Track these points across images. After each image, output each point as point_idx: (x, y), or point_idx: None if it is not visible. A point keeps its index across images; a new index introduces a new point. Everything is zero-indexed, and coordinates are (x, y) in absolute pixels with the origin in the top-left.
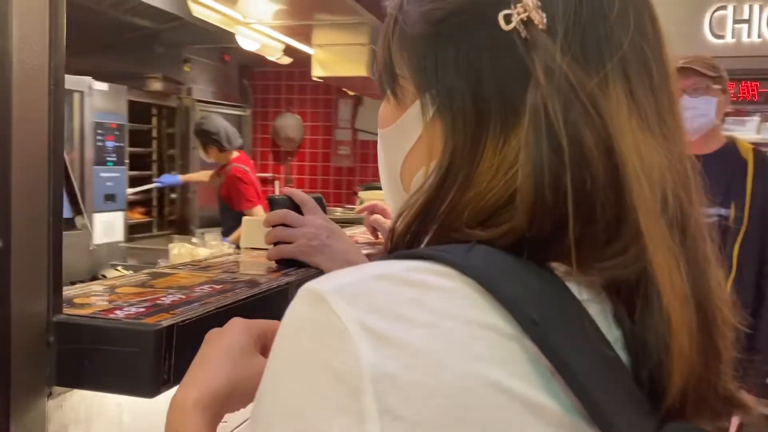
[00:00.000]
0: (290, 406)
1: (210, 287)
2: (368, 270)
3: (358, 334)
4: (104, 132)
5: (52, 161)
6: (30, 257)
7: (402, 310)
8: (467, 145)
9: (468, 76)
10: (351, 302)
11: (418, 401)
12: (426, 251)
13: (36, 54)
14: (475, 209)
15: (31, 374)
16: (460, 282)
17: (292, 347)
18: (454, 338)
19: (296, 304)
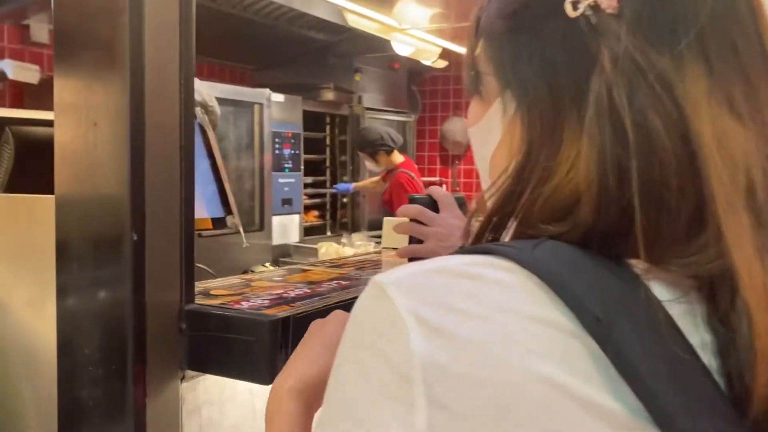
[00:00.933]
0: (347, 392)
1: (336, 283)
2: (430, 264)
3: (412, 324)
4: (281, 140)
5: (183, 160)
6: (163, 250)
7: (456, 302)
8: (545, 138)
9: (542, 68)
10: (407, 293)
11: (465, 393)
12: (490, 246)
13: (167, 64)
14: (550, 203)
15: (166, 358)
16: (522, 276)
17: (354, 336)
18: (507, 331)
19: (363, 295)
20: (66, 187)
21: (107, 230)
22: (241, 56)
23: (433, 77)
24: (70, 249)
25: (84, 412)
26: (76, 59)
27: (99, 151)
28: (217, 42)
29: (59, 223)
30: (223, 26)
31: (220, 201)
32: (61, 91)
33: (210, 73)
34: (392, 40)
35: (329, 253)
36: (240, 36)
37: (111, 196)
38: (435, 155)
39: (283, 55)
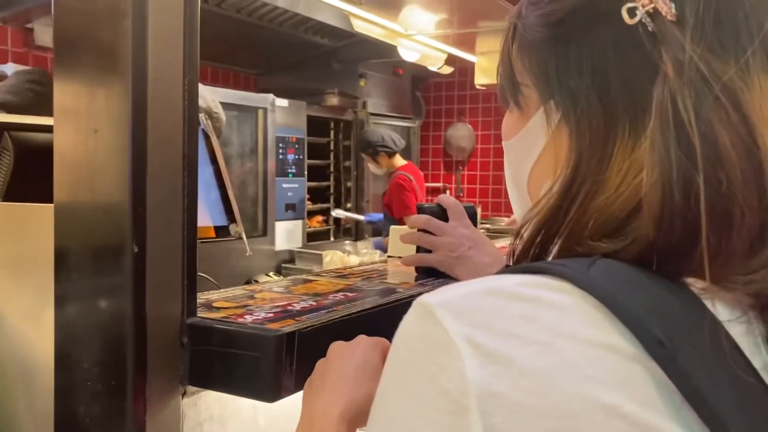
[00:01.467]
0: (396, 419)
1: (343, 295)
2: (479, 284)
3: (465, 349)
4: (285, 145)
5: (186, 169)
6: (164, 262)
7: (512, 327)
8: (595, 150)
9: (592, 78)
10: (459, 317)
11: (524, 422)
12: (543, 265)
13: (171, 70)
14: (601, 218)
15: (167, 373)
16: (578, 298)
17: (400, 360)
18: (566, 358)
19: (408, 317)
20: (65, 195)
21: (107, 240)
22: (246, 61)
23: (437, 83)
24: (69, 259)
25: (81, 428)
26: (76, 64)
27: (99, 158)
28: (222, 47)
29: (58, 233)
30: (227, 31)
31: (224, 208)
32: (61, 97)
33: (214, 78)
34: (398, 45)
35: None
36: (244, 41)
37: (111, 205)
38: (439, 161)
39: (288, 60)
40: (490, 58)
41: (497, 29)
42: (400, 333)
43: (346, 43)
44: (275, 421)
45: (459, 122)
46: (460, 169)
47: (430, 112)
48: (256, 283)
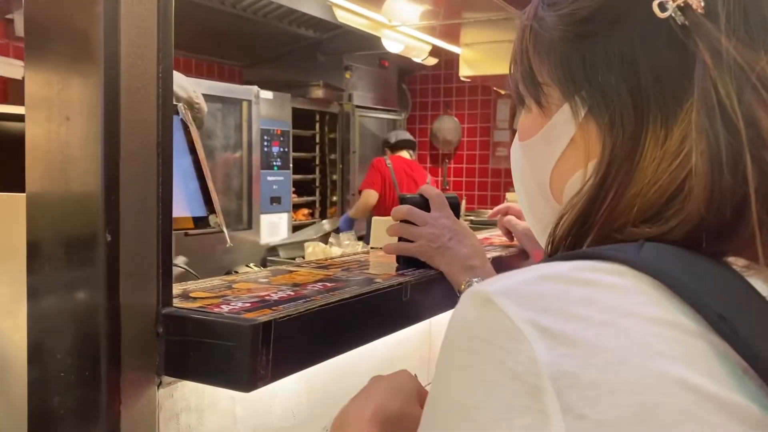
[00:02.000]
0: (466, 407)
1: (322, 285)
2: (534, 271)
3: (531, 333)
4: (270, 138)
5: (161, 157)
6: (139, 251)
7: (574, 309)
8: (627, 142)
9: (622, 72)
10: (519, 303)
11: (601, 399)
12: (592, 251)
13: (144, 56)
14: (639, 206)
15: (142, 363)
16: (634, 279)
17: (462, 349)
18: (632, 336)
19: (463, 308)
20: (37, 184)
21: (80, 230)
22: (231, 53)
23: (424, 75)
24: (41, 250)
25: (55, 420)
26: (47, 51)
27: (71, 147)
28: (206, 39)
29: (30, 223)
30: (212, 23)
31: (203, 199)
32: (32, 84)
33: (198, 70)
34: (382, 37)
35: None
36: (229, 33)
37: (84, 194)
38: (425, 154)
39: (273, 52)
40: (474, 50)
41: (482, 20)
42: (456, 322)
43: (332, 35)
44: (253, 411)
45: (445, 115)
46: (447, 162)
47: (417, 104)
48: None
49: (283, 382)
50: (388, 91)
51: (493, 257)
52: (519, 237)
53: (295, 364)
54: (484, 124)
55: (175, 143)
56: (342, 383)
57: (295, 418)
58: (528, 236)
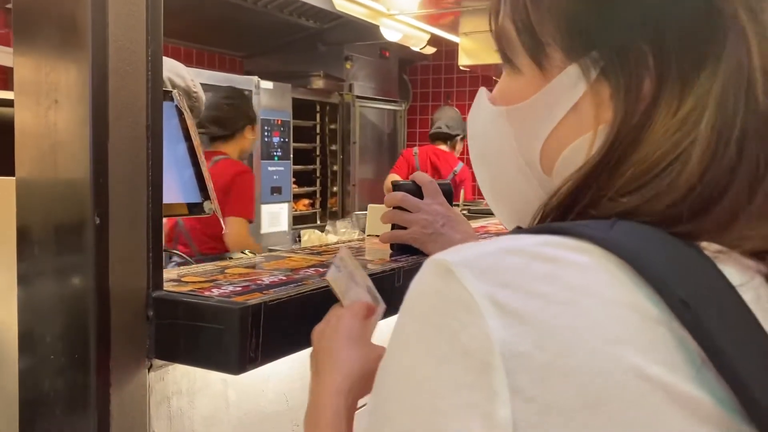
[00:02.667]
0: (414, 377)
1: (314, 270)
2: (498, 243)
3: (488, 309)
4: (270, 128)
5: (150, 141)
6: (128, 235)
7: (535, 286)
8: (640, 108)
9: (643, 32)
10: (480, 276)
11: (551, 382)
12: (561, 225)
13: (133, 40)
14: (630, 174)
15: (132, 346)
16: (600, 257)
17: (417, 319)
18: (592, 317)
19: (423, 276)
20: (27, 168)
21: (68, 213)
22: (231, 43)
23: (425, 66)
24: (31, 233)
25: (45, 403)
26: (36, 34)
27: (60, 130)
28: (207, 29)
29: (20, 207)
30: (212, 12)
31: (198, 185)
32: (21, 69)
33: (199, 60)
34: (380, 25)
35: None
36: (230, 23)
37: (72, 177)
38: (426, 144)
39: (273, 42)
40: (473, 39)
41: (481, 9)
42: (414, 290)
43: (332, 25)
44: (245, 395)
45: (446, 105)
46: None
47: (417, 95)
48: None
49: (276, 365)
50: (389, 82)
51: None
52: None
53: (285, 347)
54: None
55: (170, 130)
56: None
57: (288, 403)
58: None
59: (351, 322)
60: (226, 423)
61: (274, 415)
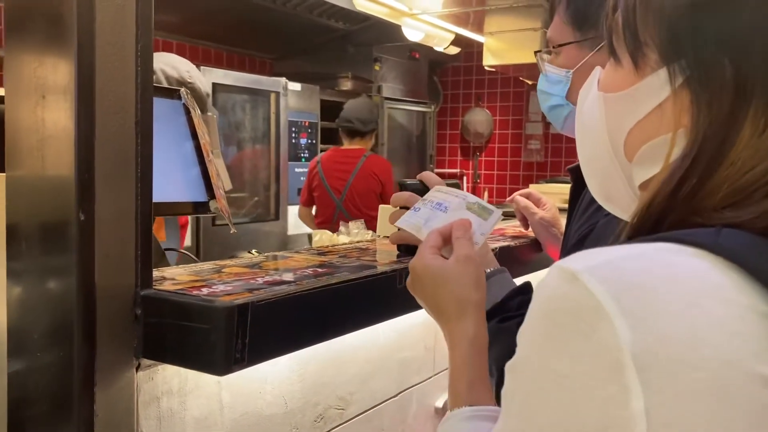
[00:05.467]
0: (554, 373)
1: (313, 270)
2: (618, 251)
3: (614, 311)
4: (298, 129)
5: (140, 137)
6: (116, 232)
7: (656, 289)
8: (722, 124)
9: (731, 50)
10: (604, 281)
11: (679, 375)
12: (672, 234)
13: (122, 34)
14: (727, 190)
15: (119, 345)
16: (713, 262)
17: (547, 321)
18: (712, 315)
19: (549, 282)
20: (16, 164)
21: (54, 210)
22: (261, 45)
23: (456, 67)
24: (19, 230)
25: (33, 401)
26: (25, 29)
27: (47, 126)
28: (238, 31)
29: (9, 203)
30: (242, 15)
31: (204, 184)
32: (11, 64)
33: (229, 62)
34: (402, 25)
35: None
36: (259, 25)
37: (58, 174)
38: (456, 146)
39: (304, 44)
40: (498, 39)
41: (506, 8)
42: (542, 295)
43: (361, 27)
44: (240, 396)
45: (477, 107)
46: (478, 155)
47: (448, 96)
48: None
49: (275, 367)
50: (419, 83)
51: (500, 247)
52: (534, 225)
53: (275, 348)
54: (516, 117)
55: (178, 128)
56: (340, 371)
57: (287, 405)
58: (543, 226)
59: (426, 263)
60: (219, 425)
61: (271, 418)
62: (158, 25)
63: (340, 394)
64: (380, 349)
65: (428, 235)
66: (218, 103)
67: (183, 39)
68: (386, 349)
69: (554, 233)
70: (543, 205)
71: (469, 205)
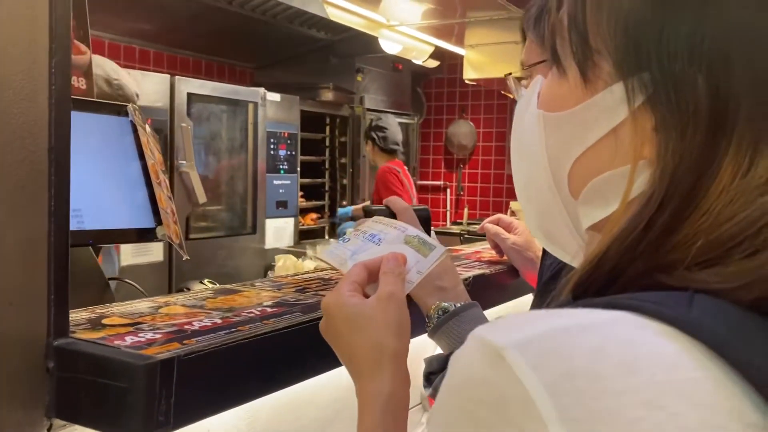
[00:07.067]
0: None
1: (260, 310)
2: (557, 319)
3: (548, 412)
4: (277, 141)
5: (53, 166)
6: (20, 273)
7: (608, 380)
8: (696, 158)
9: (708, 66)
10: (537, 365)
11: None
12: (629, 300)
13: (29, 49)
14: (703, 244)
15: (27, 402)
16: (687, 345)
17: (464, 413)
18: (683, 427)
19: (467, 360)
20: None
21: None
22: (242, 55)
23: (439, 79)
24: None
25: None
26: None
27: None
28: (217, 40)
29: None
30: (222, 23)
31: (152, 209)
32: None
33: (209, 71)
34: (380, 37)
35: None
36: (240, 34)
37: None
38: (440, 158)
39: (285, 54)
40: (479, 52)
41: (486, 20)
42: (458, 377)
43: (343, 37)
44: None
45: (460, 119)
46: (461, 167)
47: (432, 108)
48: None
49: (220, 418)
50: (402, 95)
51: (475, 275)
52: (507, 251)
53: (207, 407)
54: (500, 129)
55: (124, 147)
56: (297, 415)
57: None
58: (516, 251)
59: (341, 300)
60: None
61: None
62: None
63: None
64: (345, 389)
65: (351, 268)
66: (194, 113)
67: (160, 48)
68: (350, 389)
69: (529, 257)
70: (514, 230)
71: (408, 239)
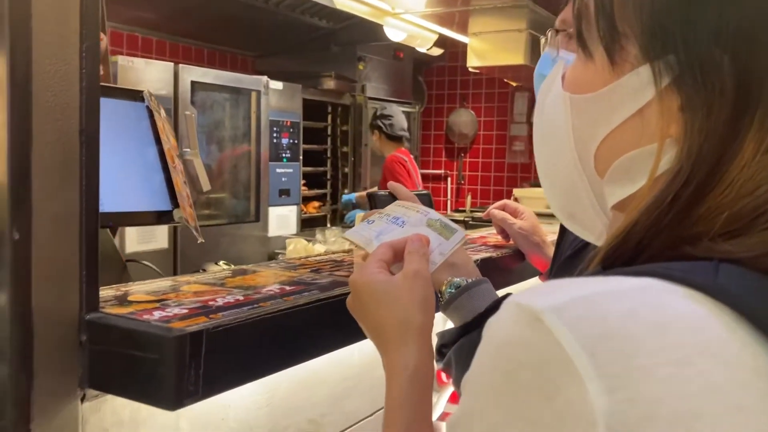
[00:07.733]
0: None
1: (279, 288)
2: (592, 285)
3: (586, 369)
4: (279, 129)
5: (85, 146)
6: (56, 251)
7: (641, 341)
8: (720, 135)
9: (733, 47)
10: (574, 327)
11: None
12: (658, 268)
13: (63, 34)
14: (727, 217)
15: (60, 374)
16: (711, 309)
17: (500, 374)
18: (711, 382)
19: (505, 323)
20: None
21: None
22: (244, 43)
23: (440, 67)
24: None
25: None
26: None
27: None
28: (219, 28)
29: None
30: (224, 12)
31: (168, 192)
32: None
33: (210, 59)
34: (384, 24)
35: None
36: (241, 22)
37: None
38: (440, 147)
39: (287, 42)
40: (483, 40)
41: (490, 8)
42: (495, 339)
43: (345, 26)
44: (200, 424)
45: (462, 108)
46: (462, 156)
47: (432, 97)
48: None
49: (240, 392)
50: (403, 83)
51: (483, 258)
52: (513, 236)
53: (233, 378)
54: (501, 118)
55: (140, 132)
56: (311, 392)
57: None
58: (523, 235)
59: (368, 278)
60: None
61: None
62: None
63: (311, 416)
64: (355, 368)
65: (377, 248)
66: (197, 101)
67: (163, 36)
68: (361, 367)
69: (536, 241)
70: (520, 215)
71: (430, 222)
